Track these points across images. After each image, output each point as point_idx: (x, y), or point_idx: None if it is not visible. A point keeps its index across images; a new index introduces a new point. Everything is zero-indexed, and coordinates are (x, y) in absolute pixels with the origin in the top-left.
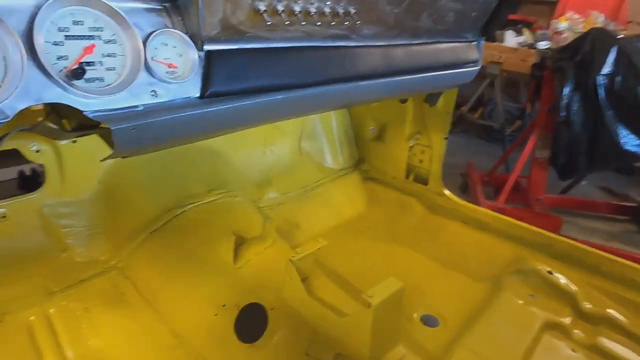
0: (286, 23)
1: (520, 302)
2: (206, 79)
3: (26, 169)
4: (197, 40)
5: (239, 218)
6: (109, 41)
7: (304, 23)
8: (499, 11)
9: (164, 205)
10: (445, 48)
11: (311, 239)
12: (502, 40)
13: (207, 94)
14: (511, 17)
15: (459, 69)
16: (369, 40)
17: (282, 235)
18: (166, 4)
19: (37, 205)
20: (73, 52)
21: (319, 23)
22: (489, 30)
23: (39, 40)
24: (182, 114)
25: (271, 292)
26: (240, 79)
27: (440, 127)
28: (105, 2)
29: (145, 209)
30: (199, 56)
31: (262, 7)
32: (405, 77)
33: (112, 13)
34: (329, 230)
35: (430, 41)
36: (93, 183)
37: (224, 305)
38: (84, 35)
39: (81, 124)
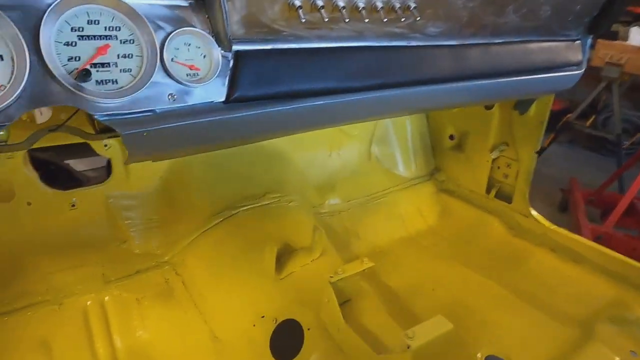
0: (326, 20)
1: (617, 359)
2: (233, 82)
3: None
4: (223, 40)
5: (290, 225)
6: (125, 41)
7: (348, 20)
8: (612, 4)
9: (218, 205)
10: (539, 48)
11: (371, 251)
12: (625, 39)
13: (233, 99)
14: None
15: (557, 72)
16: (435, 39)
17: (340, 245)
18: (191, 1)
19: (103, 196)
20: (86, 52)
21: (367, 20)
22: (599, 27)
23: (47, 40)
24: (203, 120)
25: (311, 310)
26: (272, 81)
27: (531, 138)
28: (124, 0)
29: (201, 208)
30: (226, 57)
31: (298, 2)
32: (483, 81)
33: (130, 12)
34: (392, 244)
35: (519, 40)
36: (155, 178)
37: (262, 317)
38: (99, 36)
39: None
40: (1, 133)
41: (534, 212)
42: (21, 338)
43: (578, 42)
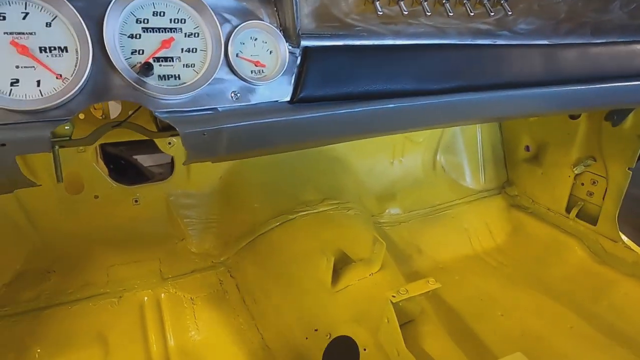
0: (405, 14)
1: None
2: (299, 80)
3: None
4: (292, 35)
5: (348, 234)
6: (190, 34)
7: (430, 14)
8: None
9: (275, 209)
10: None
11: (433, 267)
12: None
13: (299, 98)
14: None
15: None
16: (524, 38)
17: (399, 258)
18: None
19: (164, 194)
20: (150, 46)
21: (451, 14)
22: None
23: (111, 32)
24: (267, 120)
25: (368, 329)
26: (341, 81)
27: (625, 153)
28: None
29: (258, 211)
30: (293, 54)
31: None
32: (576, 87)
33: (197, 3)
34: (456, 261)
35: (623, 40)
36: (215, 179)
37: (315, 330)
38: (164, 28)
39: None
40: (66, 128)
41: (624, 237)
42: (81, 328)
43: None
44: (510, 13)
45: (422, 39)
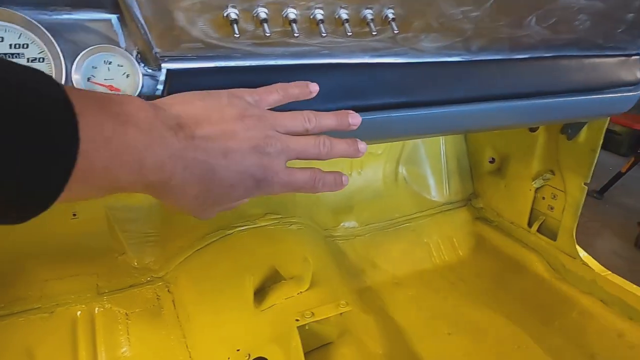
0: (267, 35)
1: None
2: None
3: None
4: (149, 58)
5: (284, 251)
6: (34, 59)
7: (298, 35)
8: None
9: (215, 223)
10: (578, 64)
11: (388, 281)
12: None
13: None
14: None
15: (609, 93)
16: (432, 55)
17: (352, 273)
18: (115, 15)
19: (104, 208)
20: None
21: (325, 35)
22: None
23: None
24: None
25: (285, 350)
26: None
27: (581, 168)
28: (29, 17)
29: (197, 225)
30: (154, 77)
31: (233, 15)
32: (491, 104)
33: (38, 29)
34: (413, 276)
35: (551, 55)
36: None
37: (238, 350)
38: (3, 54)
39: None
40: None
41: (582, 254)
42: (8, 344)
43: (635, 57)
44: (396, 32)
45: (305, 58)
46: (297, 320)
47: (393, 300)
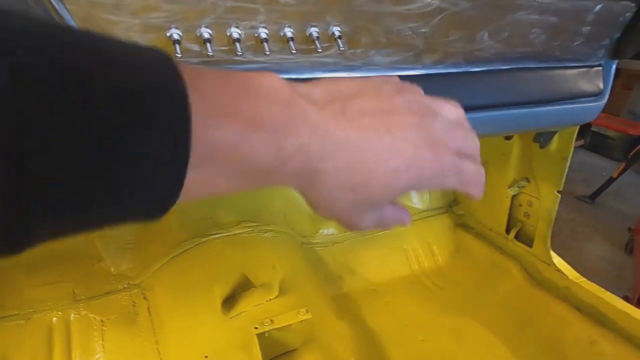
0: (210, 54)
1: None
2: None
3: None
4: None
5: (255, 258)
6: None
7: (241, 54)
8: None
9: (191, 230)
10: (537, 76)
11: (364, 288)
12: None
13: None
14: None
15: (573, 103)
16: (386, 69)
17: (329, 280)
18: None
19: None
20: None
21: (268, 53)
22: (626, 50)
23: None
24: None
25: (250, 357)
26: None
27: (553, 175)
28: None
29: (173, 231)
30: None
31: (176, 36)
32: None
33: None
34: (390, 283)
35: (508, 67)
36: None
37: (206, 357)
38: None
39: None
40: None
41: (556, 260)
42: None
43: (597, 68)
44: (342, 49)
45: None
46: (256, 328)
47: (368, 306)
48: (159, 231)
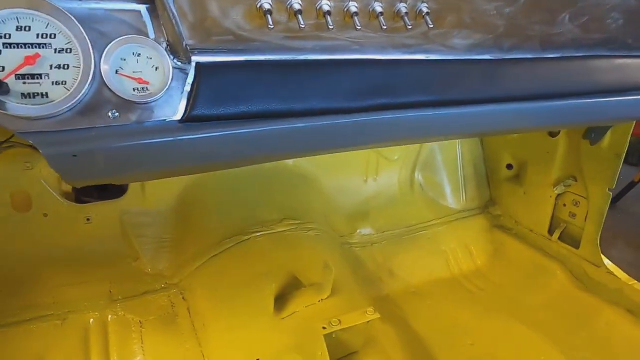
0: (302, 27)
1: None
2: (191, 98)
3: None
4: (179, 51)
5: (302, 257)
6: (61, 50)
7: (332, 28)
8: None
9: (231, 228)
10: (608, 65)
11: (405, 290)
12: None
13: (191, 117)
14: None
15: (636, 95)
16: (461, 53)
17: (369, 281)
18: (145, 5)
19: (118, 212)
20: (12, 62)
21: (360, 28)
22: None
23: None
24: (152, 141)
25: (306, 359)
26: (240, 99)
27: (604, 173)
28: (59, 5)
29: (213, 231)
30: (183, 70)
31: (267, 6)
32: (514, 105)
33: (67, 18)
34: (431, 284)
35: (581, 55)
36: (172, 196)
37: (257, 359)
38: (29, 44)
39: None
40: None
41: (607, 262)
42: (20, 351)
43: None
44: (431, 27)
45: (335, 53)
46: (324, 327)
47: (412, 309)
48: (198, 230)
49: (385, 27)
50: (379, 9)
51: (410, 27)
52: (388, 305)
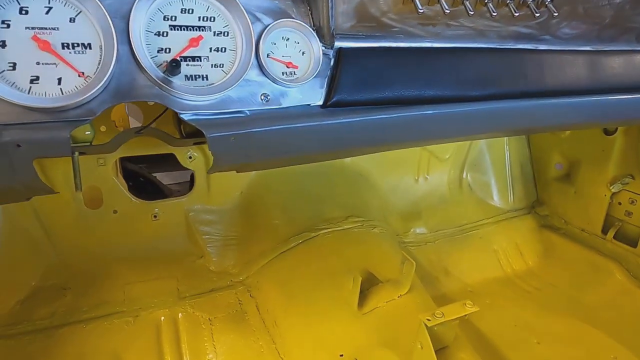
0: (447, 12)
1: None
2: (333, 83)
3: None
4: (326, 35)
5: (374, 253)
6: (220, 33)
7: (472, 13)
8: None
9: (298, 226)
10: None
11: (462, 289)
12: None
13: (332, 102)
14: None
15: None
16: (567, 43)
17: (426, 280)
18: None
19: (184, 209)
20: (177, 44)
21: (495, 14)
22: None
23: (137, 29)
24: (298, 125)
25: (399, 354)
26: (378, 85)
27: None
28: None
29: (279, 228)
30: (327, 55)
31: None
32: (618, 97)
33: (227, 1)
34: (486, 284)
35: None
36: (236, 194)
37: (341, 355)
38: (192, 26)
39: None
40: (87, 133)
41: None
42: (95, 348)
43: None
44: (556, 14)
45: (461, 42)
46: (429, 320)
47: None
48: (263, 228)
49: (517, 14)
50: None
51: (538, 14)
52: (447, 304)
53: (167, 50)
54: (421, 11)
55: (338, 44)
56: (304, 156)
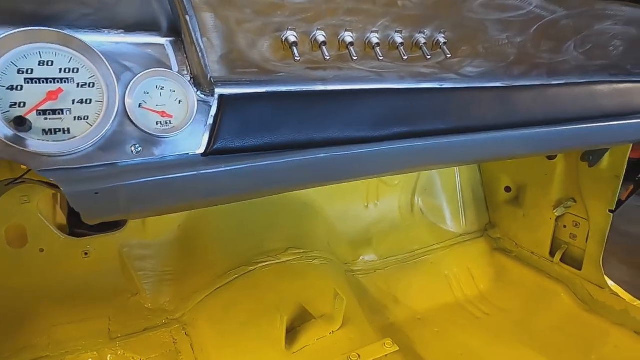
0: (327, 59)
1: None
2: (214, 131)
3: None
4: (203, 83)
5: (310, 287)
6: (84, 84)
7: (356, 59)
8: None
9: (235, 259)
10: (609, 90)
11: (410, 317)
12: None
13: (214, 150)
14: None
15: (632, 119)
16: (474, 81)
17: (374, 309)
18: (169, 39)
19: (117, 245)
20: (33, 97)
21: (381, 58)
22: None
23: None
24: (176, 175)
25: None
26: (264, 131)
27: (604, 194)
28: (83, 40)
29: (216, 262)
30: (207, 102)
31: (292, 38)
32: (538, 130)
33: (90, 52)
34: (436, 311)
35: (584, 81)
36: (173, 227)
37: None
38: (52, 78)
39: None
40: None
41: (611, 283)
42: None
43: None
44: (449, 56)
45: (356, 83)
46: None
47: (419, 337)
48: (201, 262)
49: (405, 57)
50: (399, 40)
51: (429, 57)
52: (395, 334)
53: (22, 104)
54: (298, 59)
55: (219, 90)
56: (186, 204)
